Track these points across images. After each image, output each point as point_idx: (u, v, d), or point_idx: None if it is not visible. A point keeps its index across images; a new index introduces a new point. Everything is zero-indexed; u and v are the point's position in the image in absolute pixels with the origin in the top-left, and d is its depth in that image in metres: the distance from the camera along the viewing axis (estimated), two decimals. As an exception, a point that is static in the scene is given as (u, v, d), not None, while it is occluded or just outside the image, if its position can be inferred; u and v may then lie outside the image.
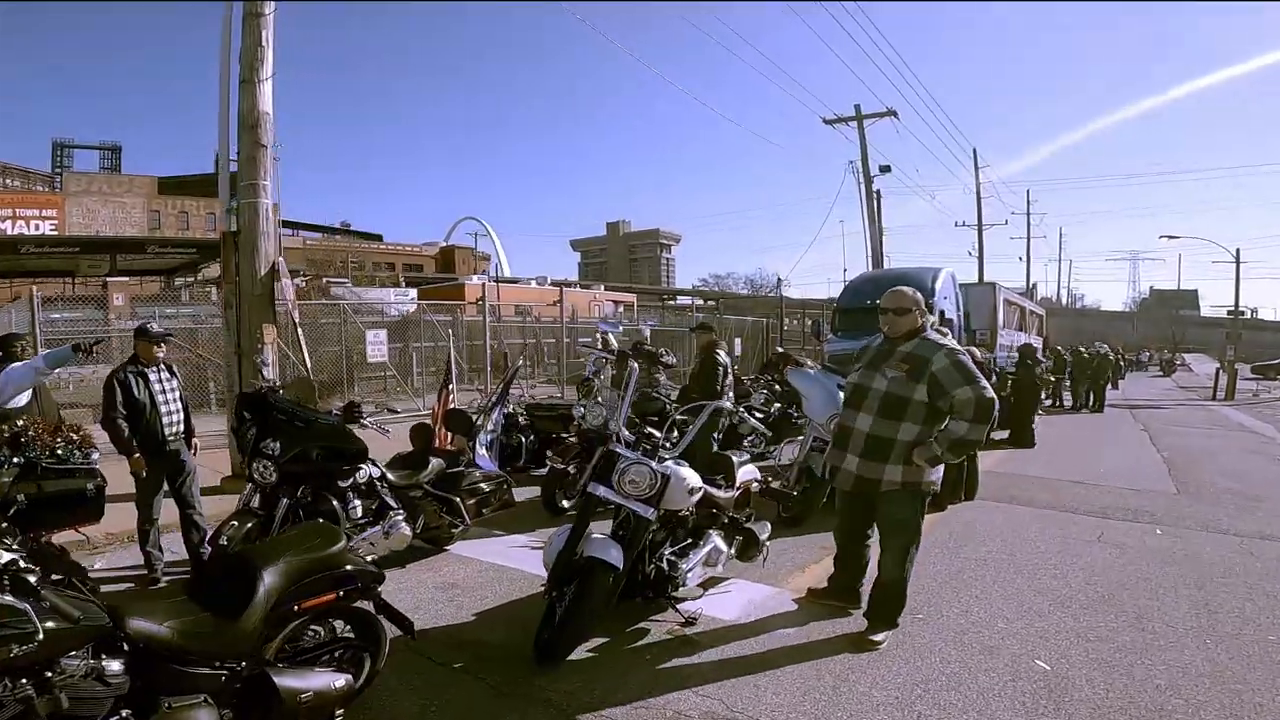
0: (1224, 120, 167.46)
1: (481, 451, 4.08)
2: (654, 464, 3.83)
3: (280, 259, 8.16)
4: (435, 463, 5.65)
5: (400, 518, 5.23)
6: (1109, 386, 21.97)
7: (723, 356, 7.11)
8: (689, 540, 4.24)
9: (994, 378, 11.57)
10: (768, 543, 4.85)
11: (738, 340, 21.05)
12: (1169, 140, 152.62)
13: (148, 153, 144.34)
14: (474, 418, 6.49)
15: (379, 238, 73.70)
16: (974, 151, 33.58)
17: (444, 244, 72.44)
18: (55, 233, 45.39)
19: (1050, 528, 6.45)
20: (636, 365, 4.44)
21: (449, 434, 7.65)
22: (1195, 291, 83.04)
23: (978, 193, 32.72)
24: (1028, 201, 42.80)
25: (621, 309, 27.22)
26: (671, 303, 54.62)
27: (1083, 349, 20.69)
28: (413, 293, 24.30)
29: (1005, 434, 11.62)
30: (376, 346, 13.02)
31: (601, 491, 3.82)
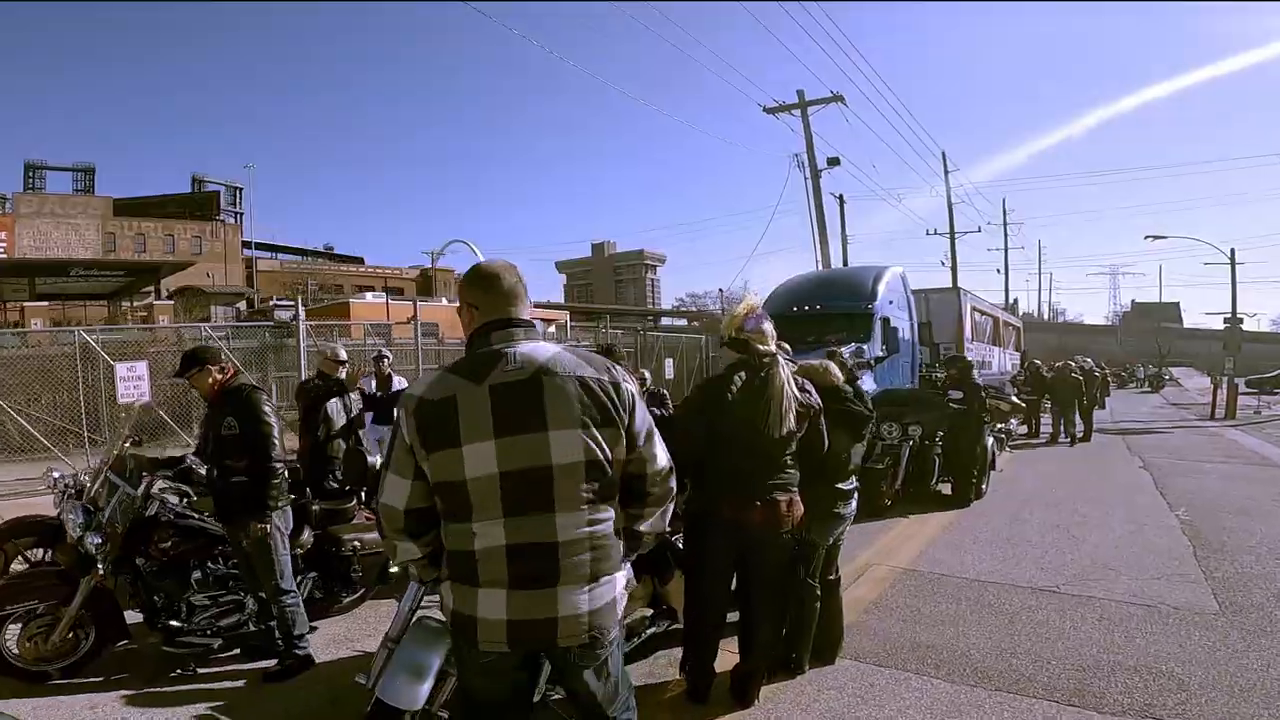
0: (1205, 121, 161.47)
1: None
2: None
3: None
4: None
5: None
6: (1095, 407, 17.98)
7: (268, 410, 3.64)
8: None
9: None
10: None
11: (669, 361, 17.42)
12: (1143, 144, 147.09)
13: (122, 174, 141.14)
14: None
15: (360, 260, 70.96)
16: (943, 155, 30.16)
17: (428, 265, 69.47)
18: (5, 256, 42.36)
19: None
20: None
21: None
22: (1177, 304, 79.55)
23: (948, 197, 29.28)
24: (1004, 210, 39.37)
25: (553, 328, 23.59)
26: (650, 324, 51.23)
27: (1075, 363, 16.54)
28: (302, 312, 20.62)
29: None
30: (129, 384, 9.26)
31: None
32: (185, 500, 3.95)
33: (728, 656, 3.34)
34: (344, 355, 5.32)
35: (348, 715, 3.19)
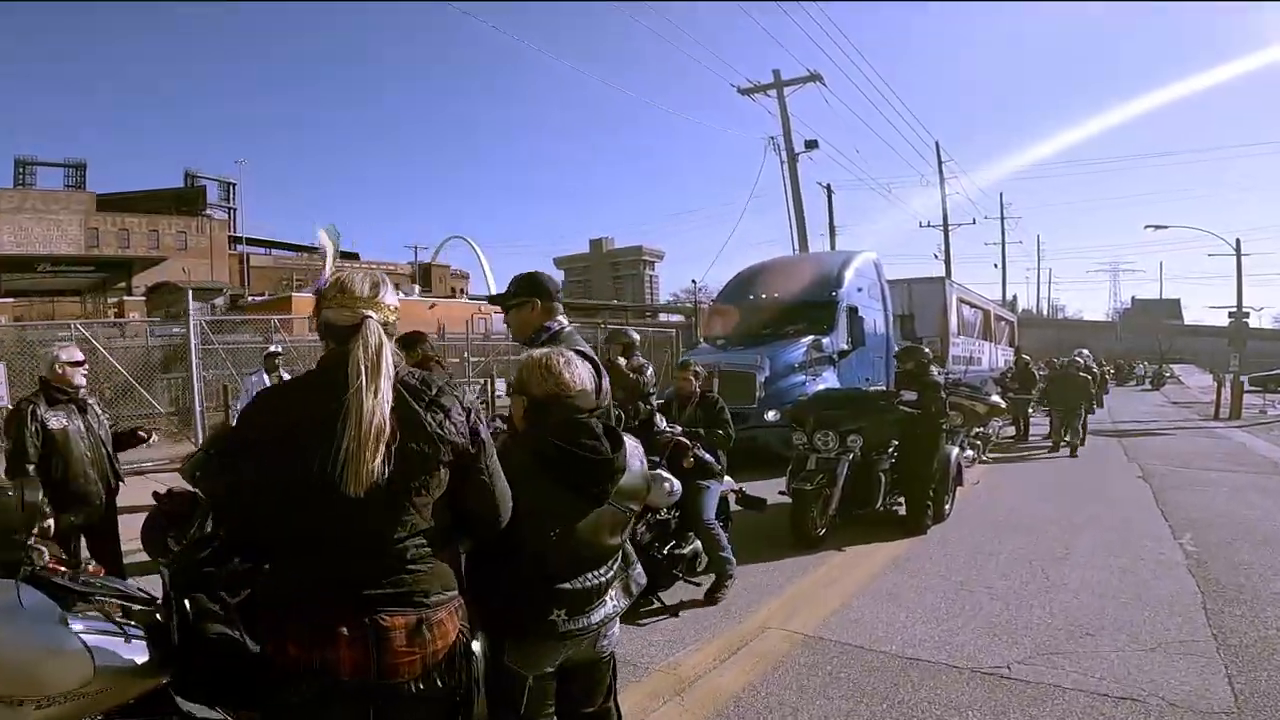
0: (1208, 115, 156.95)
1: None
2: None
3: None
4: None
5: None
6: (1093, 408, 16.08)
7: None
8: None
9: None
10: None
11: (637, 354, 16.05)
12: (1145, 139, 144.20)
13: (119, 172, 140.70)
14: None
15: (355, 256, 69.92)
16: (936, 144, 28.66)
17: (428, 261, 68.60)
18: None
19: None
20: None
21: None
22: (1178, 300, 78.00)
23: (941, 187, 27.80)
24: (1001, 203, 37.79)
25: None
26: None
27: (1081, 360, 14.41)
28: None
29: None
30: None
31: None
32: None
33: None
34: (78, 356, 3.92)
35: None
